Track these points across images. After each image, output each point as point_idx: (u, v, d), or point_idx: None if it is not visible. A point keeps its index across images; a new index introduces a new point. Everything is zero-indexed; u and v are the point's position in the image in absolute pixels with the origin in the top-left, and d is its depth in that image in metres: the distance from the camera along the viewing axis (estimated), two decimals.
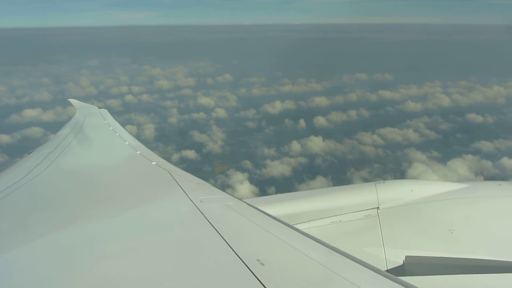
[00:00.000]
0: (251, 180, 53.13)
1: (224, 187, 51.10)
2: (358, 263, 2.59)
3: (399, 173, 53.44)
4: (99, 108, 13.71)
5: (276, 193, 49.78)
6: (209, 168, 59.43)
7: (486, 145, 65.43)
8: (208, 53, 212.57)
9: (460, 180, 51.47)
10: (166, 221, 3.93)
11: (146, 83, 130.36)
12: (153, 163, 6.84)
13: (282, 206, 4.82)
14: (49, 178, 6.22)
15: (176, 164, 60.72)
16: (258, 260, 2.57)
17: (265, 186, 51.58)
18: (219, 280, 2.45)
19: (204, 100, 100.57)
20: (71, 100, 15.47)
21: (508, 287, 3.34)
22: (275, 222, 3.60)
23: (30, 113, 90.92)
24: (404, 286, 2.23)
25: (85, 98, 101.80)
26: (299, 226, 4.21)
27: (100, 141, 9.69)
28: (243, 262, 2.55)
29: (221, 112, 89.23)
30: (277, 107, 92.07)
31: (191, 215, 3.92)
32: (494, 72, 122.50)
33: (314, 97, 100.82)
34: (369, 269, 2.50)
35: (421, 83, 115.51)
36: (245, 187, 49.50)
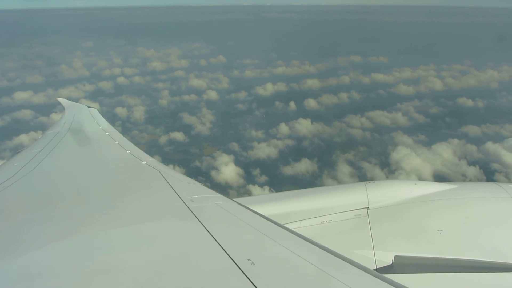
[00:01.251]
0: (237, 162, 53.44)
1: (210, 169, 51.62)
2: (347, 262, 2.61)
3: (384, 156, 53.79)
4: (89, 107, 13.57)
5: (260, 175, 50.32)
6: (196, 150, 59.70)
7: (473, 130, 65.67)
8: (203, 35, 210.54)
9: (443, 164, 52.01)
10: (156, 221, 3.91)
11: (139, 65, 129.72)
12: (143, 162, 6.78)
13: (272, 205, 4.84)
14: (37, 178, 6.16)
15: (164, 146, 61.16)
16: (248, 259, 2.57)
17: (250, 168, 51.91)
18: (210, 280, 2.45)
19: (196, 82, 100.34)
20: (60, 100, 15.13)
21: (497, 286, 3.40)
22: (265, 221, 3.60)
23: (21, 96, 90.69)
24: (392, 285, 2.23)
25: (77, 80, 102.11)
26: (289, 226, 4.21)
27: (90, 140, 9.55)
28: (233, 261, 2.55)
29: (212, 94, 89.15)
30: (268, 89, 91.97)
31: (182, 214, 3.89)
32: (490, 56, 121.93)
33: (306, 80, 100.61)
34: (359, 268, 2.51)
35: (415, 66, 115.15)
36: (229, 169, 49.84)
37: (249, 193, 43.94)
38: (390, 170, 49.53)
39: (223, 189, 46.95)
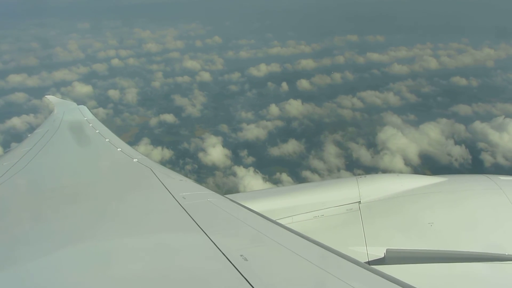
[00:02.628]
0: (225, 144, 53.89)
1: (198, 150, 52.04)
2: (340, 256, 2.63)
3: (371, 136, 54.04)
4: (78, 105, 13.40)
5: (248, 156, 50.75)
6: (186, 132, 60.10)
7: (464, 109, 65.56)
8: (200, 15, 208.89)
9: (430, 143, 52.28)
10: (148, 218, 3.90)
11: (135, 46, 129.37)
12: (134, 160, 6.68)
13: (265, 201, 4.81)
14: (27, 177, 6.10)
15: (154, 128, 61.56)
16: (241, 255, 2.56)
17: (238, 149, 52.35)
18: (203, 276, 2.46)
19: (190, 63, 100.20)
20: (49, 97, 14.94)
21: (486, 275, 3.48)
22: (258, 217, 3.60)
23: (15, 79, 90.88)
24: (383, 278, 2.27)
25: (71, 63, 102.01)
26: (282, 221, 4.23)
27: (80, 138, 9.35)
28: (226, 257, 2.55)
29: (205, 76, 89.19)
30: (262, 70, 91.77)
31: (174, 212, 3.88)
32: (488, 34, 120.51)
33: (300, 60, 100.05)
34: (351, 262, 2.54)
35: (411, 45, 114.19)
36: (217, 151, 50.30)
37: (234, 174, 44.60)
38: (375, 150, 49.88)
39: (210, 170, 47.63)
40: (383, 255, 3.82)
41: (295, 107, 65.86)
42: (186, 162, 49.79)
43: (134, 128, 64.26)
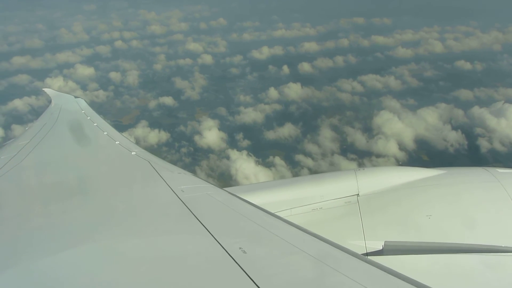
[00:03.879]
0: (222, 127, 54.20)
1: (194, 133, 52.41)
2: (338, 249, 2.64)
3: (368, 121, 53.95)
4: (75, 97, 13.31)
5: (244, 139, 51.04)
6: (184, 115, 60.43)
7: (465, 94, 65.01)
8: None
9: (427, 128, 52.03)
10: (147, 211, 3.90)
11: (139, 28, 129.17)
12: (132, 153, 6.65)
13: (263, 194, 4.84)
14: (25, 171, 6.08)
15: (153, 110, 62.04)
16: (240, 248, 2.57)
17: (234, 132, 52.64)
18: (202, 269, 2.48)
19: (193, 46, 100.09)
20: (46, 90, 14.74)
21: (482, 266, 3.50)
22: (256, 210, 3.61)
23: (19, 60, 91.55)
24: (381, 270, 2.29)
25: (75, 45, 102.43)
26: (280, 214, 4.25)
27: (78, 132, 9.22)
28: (225, 250, 2.56)
29: (207, 58, 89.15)
30: (264, 53, 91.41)
31: (173, 205, 3.87)
32: (498, 17, 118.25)
33: (304, 43, 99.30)
34: (349, 254, 2.55)
35: (418, 28, 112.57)
36: (212, 134, 50.63)
37: (227, 157, 44.88)
38: (371, 135, 49.83)
39: (205, 153, 48.05)
40: (381, 248, 3.83)
41: (294, 90, 65.79)
42: (182, 145, 50.24)
43: (133, 110, 64.78)
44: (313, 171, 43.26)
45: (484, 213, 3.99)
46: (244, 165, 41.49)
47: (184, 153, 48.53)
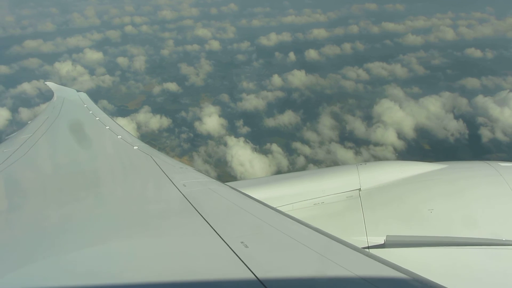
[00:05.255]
0: (224, 113, 54.58)
1: (194, 119, 52.96)
2: (340, 243, 2.65)
3: (370, 109, 53.71)
4: (78, 91, 13.17)
5: (244, 126, 51.41)
6: (186, 101, 60.93)
7: (472, 82, 64.07)
8: None
9: (428, 117, 51.62)
10: (149, 206, 3.94)
11: (150, 13, 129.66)
12: (134, 147, 6.63)
13: (265, 188, 4.85)
14: (28, 164, 6.11)
15: (157, 96, 62.74)
16: (242, 242, 2.59)
17: (235, 119, 52.99)
18: (204, 263, 2.50)
19: (202, 32, 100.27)
20: (49, 83, 14.42)
21: (483, 259, 3.53)
22: (258, 204, 3.62)
23: (30, 44, 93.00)
24: (383, 264, 2.32)
25: (86, 29, 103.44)
26: (282, 209, 4.25)
27: (80, 126, 9.22)
28: (227, 244, 2.57)
29: (214, 44, 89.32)
30: (272, 39, 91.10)
31: (175, 199, 3.91)
32: None
33: (313, 29, 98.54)
34: (351, 248, 2.56)
35: (431, 15, 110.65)
36: (212, 120, 51.11)
37: (225, 144, 45.35)
38: (370, 123, 49.70)
39: (204, 139, 48.60)
40: (383, 242, 3.82)
41: (298, 77, 65.67)
42: (182, 130, 50.85)
43: (139, 95, 65.52)
44: (309, 159, 43.56)
45: (486, 207, 4.01)
46: (240, 151, 41.95)
47: (184, 139, 49.19)
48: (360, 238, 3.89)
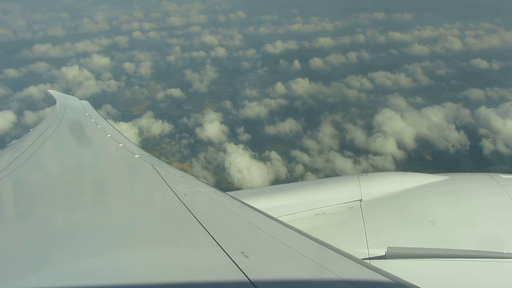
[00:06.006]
0: (226, 120, 54.94)
1: (196, 126, 53.33)
2: (340, 254, 2.63)
3: (371, 118, 53.65)
4: (80, 99, 13.26)
5: (244, 133, 51.66)
6: (189, 107, 61.42)
7: (476, 93, 63.72)
8: None
9: (429, 127, 51.45)
10: (149, 215, 3.92)
11: (159, 19, 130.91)
12: (136, 156, 6.63)
13: (266, 198, 4.84)
14: (29, 171, 6.07)
15: (160, 101, 63.29)
16: (242, 252, 2.58)
17: (236, 126, 53.32)
18: (204, 273, 2.48)
19: (208, 38, 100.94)
20: (51, 91, 14.47)
21: (485, 272, 3.51)
22: (258, 214, 3.61)
23: (40, 48, 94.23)
24: (384, 276, 2.31)
25: (95, 34, 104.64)
26: (282, 219, 4.22)
27: (82, 134, 9.31)
28: (227, 254, 2.56)
29: (220, 51, 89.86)
30: (278, 47, 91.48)
31: (175, 208, 3.87)
32: None
33: (319, 38, 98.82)
34: (352, 260, 2.54)
35: (438, 25, 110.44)
36: (213, 127, 51.40)
37: (225, 151, 45.60)
38: (370, 133, 49.65)
39: (204, 145, 48.91)
40: (384, 253, 3.79)
41: (301, 85, 65.89)
42: (183, 136, 51.25)
43: (144, 101, 66.14)
44: (308, 167, 43.67)
45: (487, 220, 4.00)
46: (238, 158, 42.18)
47: (184, 144, 49.58)
48: (361, 249, 3.88)
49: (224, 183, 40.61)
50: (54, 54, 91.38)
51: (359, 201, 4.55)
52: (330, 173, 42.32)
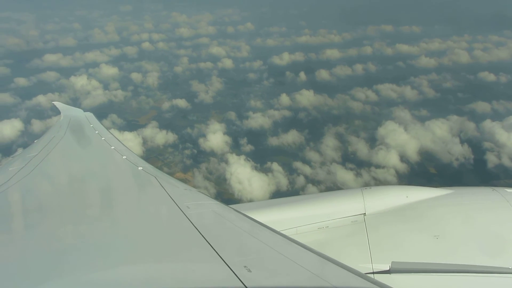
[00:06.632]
0: (229, 131, 55.20)
1: (199, 136, 53.63)
2: (344, 269, 2.62)
3: (374, 130, 53.51)
4: (85, 111, 13.59)
5: (247, 144, 51.81)
6: (194, 117, 61.84)
7: (482, 106, 63.17)
8: (238, 0, 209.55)
9: (434, 140, 51.13)
10: (152, 228, 3.90)
11: (168, 30, 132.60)
12: (139, 168, 6.66)
13: (269, 212, 4.83)
14: (33, 183, 6.10)
15: (165, 112, 63.78)
16: (245, 266, 2.57)
17: (239, 137, 53.51)
18: (207, 287, 2.48)
19: (216, 50, 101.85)
20: (56, 103, 14.83)
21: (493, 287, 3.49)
22: (262, 228, 3.59)
23: (50, 58, 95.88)
24: None
25: (105, 45, 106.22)
26: (286, 232, 4.23)
27: (86, 145, 9.42)
28: (230, 268, 2.54)
29: (227, 63, 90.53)
30: (284, 58, 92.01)
31: (178, 221, 3.87)
32: None
33: (326, 50, 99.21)
34: (356, 275, 2.53)
35: (447, 37, 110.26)
36: (217, 137, 51.62)
37: (226, 161, 45.76)
38: (373, 145, 49.51)
39: (206, 156, 49.11)
40: (388, 268, 3.74)
41: (306, 97, 66.01)
42: (186, 147, 51.52)
43: (150, 111, 66.75)
44: (309, 179, 43.58)
45: (492, 234, 3.98)
46: (239, 169, 42.28)
47: (187, 155, 49.78)
48: (365, 264, 3.84)
49: (225, 194, 40.71)
50: (64, 64, 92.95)
51: (362, 215, 4.55)
52: (331, 185, 42.20)
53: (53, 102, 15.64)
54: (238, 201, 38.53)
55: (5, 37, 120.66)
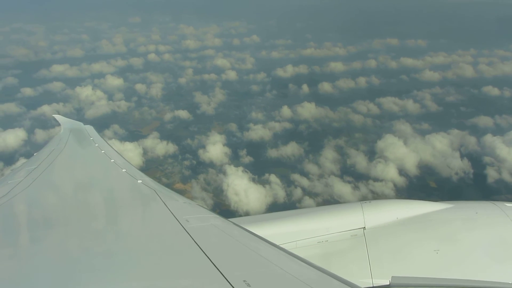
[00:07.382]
0: (229, 142, 55.40)
1: (199, 147, 53.90)
2: (343, 283, 2.61)
3: (374, 144, 53.45)
4: (87, 121, 14.52)
5: (246, 155, 51.95)
6: (195, 129, 62.16)
7: (484, 121, 62.91)
8: (247, 13, 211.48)
9: (433, 154, 50.93)
10: (151, 241, 3.89)
11: (175, 42, 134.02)
12: (138, 181, 6.68)
13: (268, 225, 4.80)
14: (32, 196, 6.12)
15: (167, 123, 64.22)
16: (244, 281, 2.55)
17: (238, 148, 53.67)
18: None
19: (221, 62, 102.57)
20: (56, 116, 15.04)
21: None
22: (261, 242, 3.58)
23: (57, 68, 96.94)
24: None
25: (112, 56, 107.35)
26: (285, 246, 4.22)
27: (85, 158, 9.51)
28: (229, 283, 2.52)
29: (231, 74, 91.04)
30: (288, 71, 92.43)
31: (177, 235, 3.85)
32: None
33: (330, 62, 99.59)
34: None
35: (452, 51, 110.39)
36: (216, 149, 51.81)
37: (224, 173, 45.90)
38: (372, 158, 49.42)
39: (205, 167, 49.30)
40: (388, 283, 3.74)
41: (307, 109, 66.10)
42: (185, 157, 51.78)
43: (153, 121, 67.25)
44: (306, 191, 43.53)
45: (492, 249, 3.95)
46: (236, 181, 42.34)
47: (186, 166, 50.00)
48: (365, 279, 3.83)
49: (222, 205, 40.81)
50: (71, 75, 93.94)
51: (362, 229, 4.54)
52: (329, 198, 42.14)
53: (53, 115, 15.84)
54: (234, 212, 38.67)
55: (16, 48, 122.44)
